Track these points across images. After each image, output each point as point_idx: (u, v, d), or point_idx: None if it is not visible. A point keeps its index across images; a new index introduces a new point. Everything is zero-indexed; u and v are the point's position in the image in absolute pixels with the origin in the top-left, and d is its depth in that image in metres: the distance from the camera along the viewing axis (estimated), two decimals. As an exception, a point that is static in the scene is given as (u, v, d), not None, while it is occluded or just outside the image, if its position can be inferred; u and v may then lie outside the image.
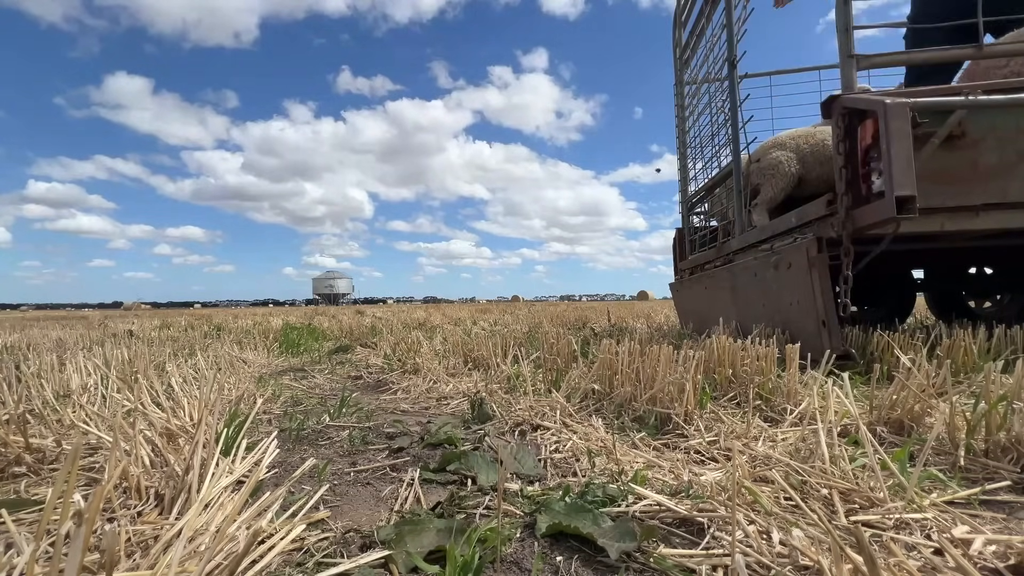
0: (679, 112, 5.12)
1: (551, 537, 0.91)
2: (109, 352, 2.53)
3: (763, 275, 3.10)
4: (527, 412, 1.72)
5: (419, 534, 0.88)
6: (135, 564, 0.78)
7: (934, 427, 1.19)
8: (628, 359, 1.84)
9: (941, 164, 2.29)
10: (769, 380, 1.84)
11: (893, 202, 2.05)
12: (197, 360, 2.79)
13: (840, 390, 1.32)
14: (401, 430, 1.71)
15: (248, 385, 2.39)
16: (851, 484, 1.02)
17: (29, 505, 1.02)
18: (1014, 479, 1.10)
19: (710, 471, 1.19)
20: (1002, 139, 2.33)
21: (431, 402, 2.19)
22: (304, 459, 1.39)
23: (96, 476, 1.20)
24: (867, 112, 2.24)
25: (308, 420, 1.84)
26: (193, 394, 1.65)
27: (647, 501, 1.00)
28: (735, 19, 3.90)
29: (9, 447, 1.30)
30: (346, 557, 0.85)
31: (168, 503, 0.98)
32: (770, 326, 2.99)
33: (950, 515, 0.92)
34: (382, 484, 1.23)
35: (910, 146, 2.07)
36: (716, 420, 1.59)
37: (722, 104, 4.24)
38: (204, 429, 1.10)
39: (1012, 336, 2.47)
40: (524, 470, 1.24)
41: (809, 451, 1.22)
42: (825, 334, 2.44)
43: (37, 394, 1.72)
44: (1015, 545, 0.78)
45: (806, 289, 2.55)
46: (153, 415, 1.39)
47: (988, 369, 1.33)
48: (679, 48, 5.15)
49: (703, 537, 0.89)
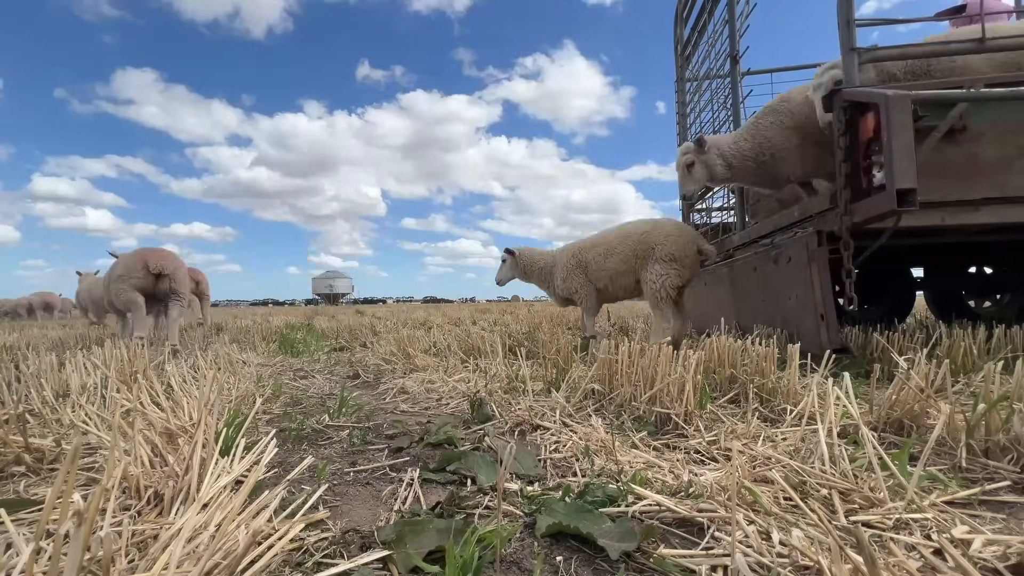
0: (680, 109, 5.11)
1: (551, 537, 0.91)
2: (108, 352, 2.52)
3: (763, 270, 3.10)
4: (527, 412, 1.72)
5: (419, 534, 0.88)
6: (134, 564, 0.78)
7: (934, 427, 1.19)
8: (628, 359, 1.84)
9: (942, 158, 2.29)
10: (769, 380, 1.84)
11: (894, 195, 2.04)
12: (196, 360, 2.79)
13: (840, 390, 1.32)
14: (401, 430, 1.71)
15: (248, 385, 2.38)
16: (851, 484, 1.02)
17: (28, 505, 1.02)
18: (1014, 479, 1.10)
19: (710, 471, 1.19)
20: (1003, 133, 2.32)
21: (431, 402, 2.19)
22: (303, 459, 1.39)
23: (96, 476, 1.21)
24: (868, 105, 2.24)
25: (307, 420, 1.84)
26: (192, 394, 1.65)
27: (647, 501, 0.99)
28: (737, 14, 3.90)
29: (9, 447, 1.30)
30: (346, 557, 0.85)
31: (167, 502, 0.98)
32: (769, 321, 2.99)
33: (950, 515, 0.92)
34: (382, 484, 1.22)
35: (911, 139, 2.06)
36: (716, 420, 1.59)
37: (724, 100, 4.24)
38: (203, 429, 1.10)
39: (1012, 336, 2.47)
40: (524, 470, 1.24)
41: (809, 451, 1.22)
42: (823, 328, 2.44)
43: (36, 394, 1.72)
44: (1015, 545, 0.78)
45: (805, 283, 2.55)
46: (152, 415, 1.39)
47: (988, 369, 1.33)
48: (680, 45, 5.14)
49: (703, 537, 0.89)
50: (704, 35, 4.57)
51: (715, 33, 4.25)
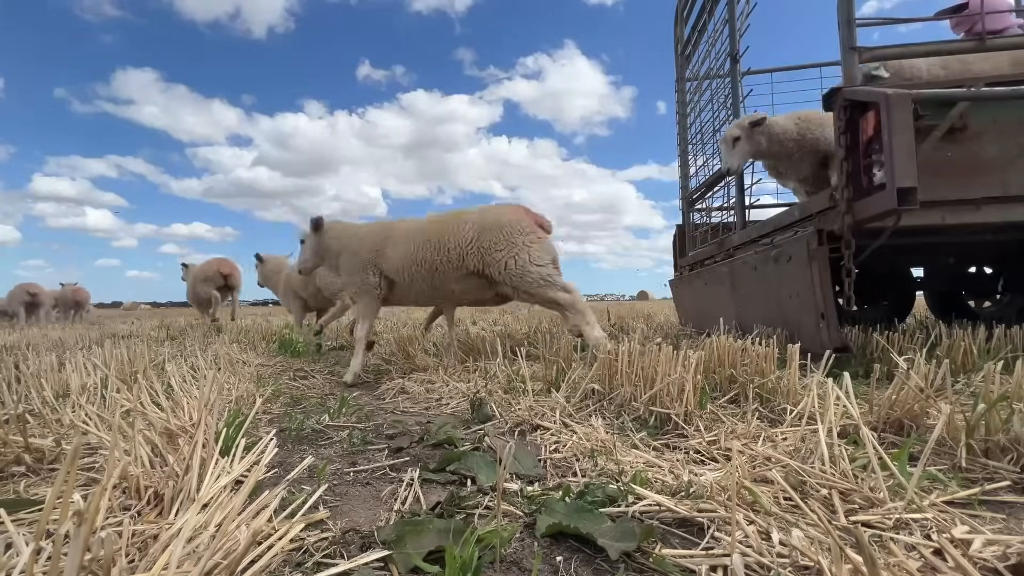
0: (680, 109, 5.11)
1: (551, 537, 0.91)
2: (108, 352, 2.53)
3: (763, 269, 3.10)
4: (527, 412, 1.72)
5: (419, 534, 0.88)
6: (134, 564, 0.78)
7: (934, 427, 1.19)
8: (628, 359, 1.84)
9: (942, 157, 2.29)
10: (769, 380, 1.83)
11: (894, 193, 2.04)
12: (196, 360, 2.79)
13: (840, 390, 1.32)
14: (401, 430, 1.71)
15: (247, 385, 2.39)
16: (851, 484, 1.02)
17: (28, 505, 1.02)
18: (1014, 479, 1.10)
19: (710, 471, 1.19)
20: (1003, 132, 2.32)
21: (431, 402, 2.19)
22: (303, 459, 1.39)
23: (96, 476, 1.20)
24: (869, 104, 2.24)
25: (307, 420, 1.84)
26: (192, 394, 1.65)
27: (647, 501, 0.99)
28: (737, 14, 3.89)
29: (9, 447, 1.30)
30: (346, 557, 0.85)
31: (167, 503, 0.98)
32: (769, 321, 2.99)
33: (950, 515, 0.91)
34: (382, 484, 1.22)
35: (912, 137, 2.06)
36: (716, 420, 1.59)
37: (724, 100, 4.23)
38: (203, 429, 1.10)
39: (1012, 336, 2.47)
40: (524, 470, 1.24)
41: (809, 451, 1.22)
42: (824, 327, 2.44)
43: (36, 394, 1.72)
44: (1015, 545, 0.78)
45: (806, 282, 2.55)
46: (152, 415, 1.39)
47: (988, 369, 1.33)
48: (680, 44, 5.14)
49: (703, 537, 0.89)
50: (704, 35, 4.57)
51: (715, 33, 4.24)
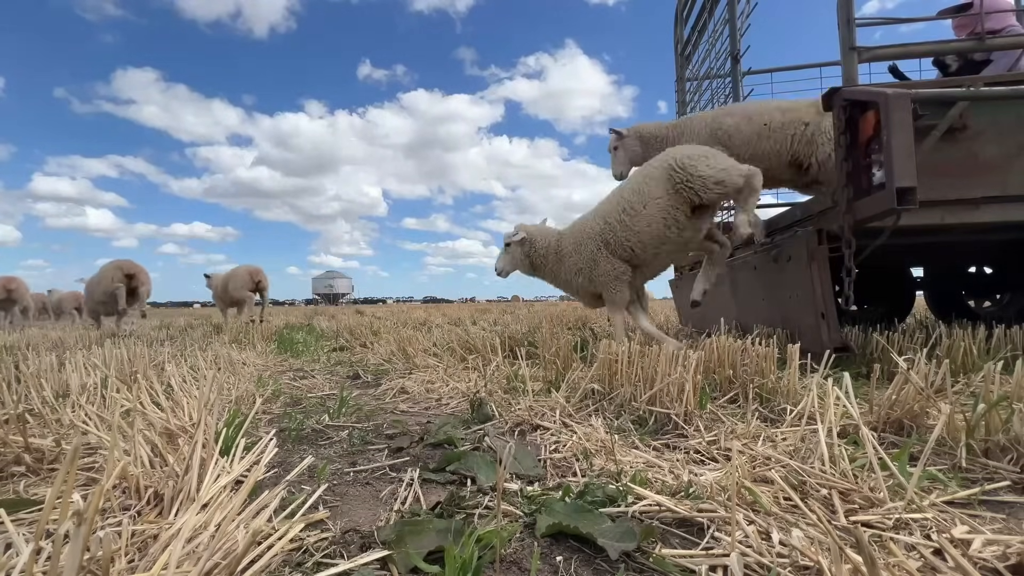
0: (680, 108, 5.11)
1: (551, 537, 0.91)
2: (108, 352, 2.52)
3: (763, 269, 3.10)
4: (527, 412, 1.72)
5: (419, 534, 0.88)
6: (134, 564, 0.78)
7: (934, 428, 1.19)
8: (628, 359, 1.84)
9: (942, 156, 2.29)
10: (769, 380, 1.83)
11: (894, 193, 2.05)
12: (196, 360, 2.79)
13: (840, 390, 1.32)
14: (401, 430, 1.71)
15: (247, 385, 2.39)
16: (851, 484, 1.02)
17: (28, 505, 1.02)
18: (1014, 479, 1.10)
19: (710, 471, 1.19)
20: (1002, 131, 2.32)
21: (431, 402, 2.19)
22: (303, 459, 1.39)
23: (96, 476, 1.20)
24: (868, 104, 2.24)
25: (307, 420, 1.84)
26: (192, 394, 1.65)
27: (647, 501, 0.99)
28: (738, 13, 3.89)
29: (9, 447, 1.30)
30: (345, 557, 0.85)
31: (167, 503, 0.98)
32: (769, 321, 2.99)
33: (950, 515, 0.92)
34: (382, 484, 1.22)
35: (911, 137, 2.07)
36: (716, 420, 1.59)
37: (724, 99, 4.23)
38: (203, 429, 1.10)
39: (1012, 336, 2.47)
40: (524, 470, 1.24)
41: (809, 451, 1.22)
42: (824, 326, 2.44)
43: (36, 394, 1.72)
44: (1015, 545, 0.78)
45: (806, 282, 2.55)
46: (152, 415, 1.39)
47: (988, 369, 1.33)
48: (680, 44, 5.14)
49: (703, 537, 0.89)
50: (704, 35, 4.57)
51: (715, 33, 4.24)
